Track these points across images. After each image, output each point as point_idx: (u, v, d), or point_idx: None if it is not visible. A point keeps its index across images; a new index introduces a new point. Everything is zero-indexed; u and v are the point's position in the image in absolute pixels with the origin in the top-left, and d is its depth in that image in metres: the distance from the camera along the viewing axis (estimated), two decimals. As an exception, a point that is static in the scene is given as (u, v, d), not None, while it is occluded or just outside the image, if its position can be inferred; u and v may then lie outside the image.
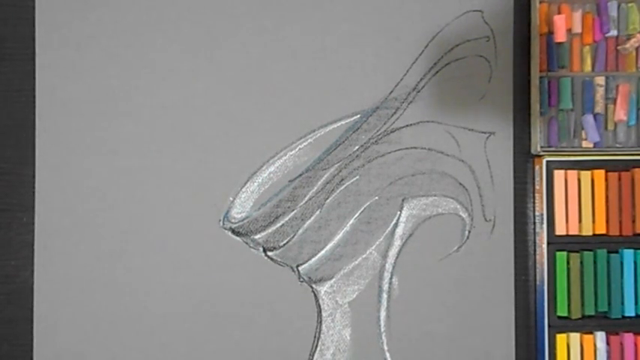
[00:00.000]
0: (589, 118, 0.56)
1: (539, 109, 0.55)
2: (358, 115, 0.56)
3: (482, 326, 0.56)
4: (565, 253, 0.55)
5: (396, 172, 0.56)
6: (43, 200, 0.55)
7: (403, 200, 0.56)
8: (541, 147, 0.55)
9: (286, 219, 0.56)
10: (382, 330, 0.56)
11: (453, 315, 0.56)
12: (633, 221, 0.55)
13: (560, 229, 0.55)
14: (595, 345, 0.54)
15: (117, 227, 0.55)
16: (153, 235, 0.55)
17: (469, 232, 0.56)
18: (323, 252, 0.56)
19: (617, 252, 0.55)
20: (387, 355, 0.56)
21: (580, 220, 0.55)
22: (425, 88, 0.57)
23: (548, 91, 0.56)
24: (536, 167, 0.56)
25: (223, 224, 0.56)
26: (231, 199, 0.56)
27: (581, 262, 0.55)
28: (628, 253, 0.55)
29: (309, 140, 0.56)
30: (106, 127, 0.55)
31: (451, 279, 0.56)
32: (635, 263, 0.55)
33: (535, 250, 0.57)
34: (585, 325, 0.55)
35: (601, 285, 0.55)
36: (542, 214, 0.55)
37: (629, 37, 0.56)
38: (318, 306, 0.56)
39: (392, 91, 0.56)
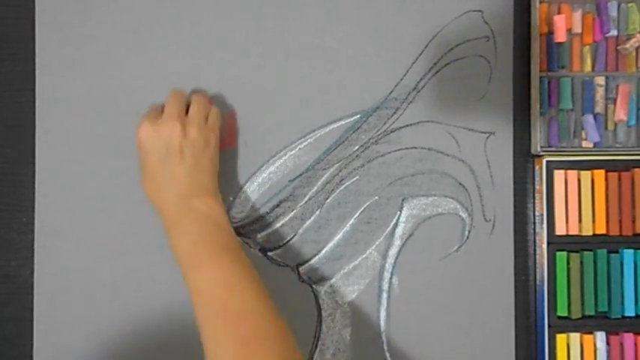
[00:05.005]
0: (589, 118, 0.56)
1: (539, 109, 0.55)
2: (358, 115, 0.56)
3: (482, 326, 0.56)
4: (565, 253, 0.55)
5: (396, 172, 0.56)
6: (43, 200, 0.55)
7: (403, 200, 0.56)
8: (541, 147, 0.55)
9: (286, 219, 0.56)
10: (382, 330, 0.56)
11: (453, 315, 0.56)
12: (633, 221, 0.55)
13: (560, 229, 0.55)
14: (595, 345, 0.54)
15: (117, 227, 0.55)
16: (153, 235, 0.55)
17: (469, 232, 0.56)
18: (323, 252, 0.56)
19: (617, 252, 0.55)
20: (387, 355, 0.56)
21: (580, 220, 0.55)
22: (425, 88, 0.57)
23: (548, 91, 0.56)
24: (536, 167, 0.56)
25: (223, 224, 0.56)
26: (231, 199, 0.56)
27: (581, 262, 0.55)
28: (628, 253, 0.55)
29: (309, 140, 0.56)
30: (106, 126, 0.55)
31: (451, 279, 0.56)
32: (635, 263, 0.55)
33: (535, 250, 0.57)
34: (585, 325, 0.55)
35: (601, 285, 0.55)
36: (542, 214, 0.55)
37: (629, 37, 0.56)
38: (318, 306, 0.56)
39: (392, 91, 0.56)
